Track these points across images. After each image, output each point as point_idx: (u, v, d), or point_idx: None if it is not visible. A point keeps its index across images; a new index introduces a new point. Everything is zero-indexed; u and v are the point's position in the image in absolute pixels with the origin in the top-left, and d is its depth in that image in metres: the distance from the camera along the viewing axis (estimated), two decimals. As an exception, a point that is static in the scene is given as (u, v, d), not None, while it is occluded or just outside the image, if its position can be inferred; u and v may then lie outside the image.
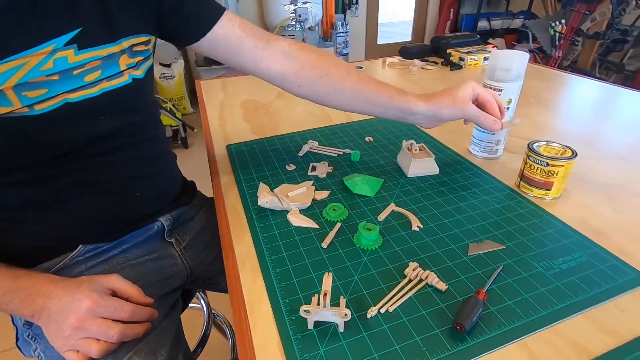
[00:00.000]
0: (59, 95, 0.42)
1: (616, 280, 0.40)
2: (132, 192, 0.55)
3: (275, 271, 0.43)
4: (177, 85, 2.65)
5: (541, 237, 0.46)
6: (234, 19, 0.56)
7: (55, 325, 0.41)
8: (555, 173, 0.51)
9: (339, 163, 0.65)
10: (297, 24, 2.68)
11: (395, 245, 0.46)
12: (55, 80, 0.41)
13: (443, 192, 0.55)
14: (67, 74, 0.42)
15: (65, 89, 0.42)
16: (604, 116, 0.81)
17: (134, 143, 0.53)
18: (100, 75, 0.45)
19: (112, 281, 0.45)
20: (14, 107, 0.39)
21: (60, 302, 0.41)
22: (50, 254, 0.52)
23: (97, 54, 0.44)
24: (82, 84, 0.44)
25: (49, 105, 0.42)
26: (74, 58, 0.42)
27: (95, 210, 0.51)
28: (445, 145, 0.69)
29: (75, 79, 0.43)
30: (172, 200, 0.64)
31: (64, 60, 0.42)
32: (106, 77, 0.46)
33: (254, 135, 0.76)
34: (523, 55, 0.56)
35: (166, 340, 0.52)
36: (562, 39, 2.90)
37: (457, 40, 1.26)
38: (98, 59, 0.45)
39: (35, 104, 0.41)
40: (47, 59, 0.40)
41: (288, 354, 0.34)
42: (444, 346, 0.34)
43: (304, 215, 0.52)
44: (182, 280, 0.63)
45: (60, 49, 0.41)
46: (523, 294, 0.38)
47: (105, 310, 0.42)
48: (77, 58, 0.43)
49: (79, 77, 0.43)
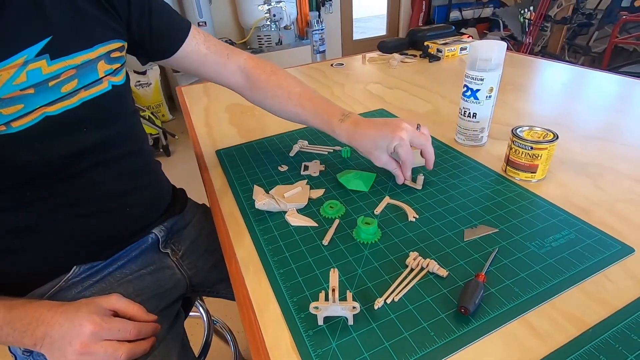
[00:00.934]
0: (37, 109, 0.40)
1: (604, 253, 0.42)
2: (121, 208, 0.54)
3: (279, 272, 0.43)
4: (154, 92, 2.60)
5: (531, 218, 0.48)
6: (198, 35, 0.59)
7: (59, 352, 0.41)
8: (539, 156, 0.53)
9: (331, 160, 0.66)
10: (272, 24, 2.66)
11: (394, 237, 0.47)
12: (30, 94, 0.40)
13: (435, 182, 0.57)
14: (43, 87, 0.41)
15: (42, 102, 0.41)
16: (576, 98, 0.85)
17: (118, 157, 0.52)
18: (78, 85, 0.44)
19: (112, 302, 0.44)
20: None
21: (62, 329, 0.41)
22: (44, 278, 0.50)
23: (71, 62, 0.43)
24: (60, 95, 0.42)
25: (28, 121, 0.40)
26: (47, 69, 0.41)
27: (86, 230, 0.50)
28: (432, 137, 0.71)
29: (52, 91, 0.41)
30: (164, 210, 0.63)
31: (38, 72, 0.40)
32: (84, 85, 0.45)
33: (243, 139, 0.76)
34: (501, 45, 0.58)
35: (172, 352, 0.52)
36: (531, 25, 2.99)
37: (433, 32, 1.28)
38: (73, 68, 0.43)
39: (12, 121, 0.39)
40: (20, 72, 0.39)
41: (301, 351, 0.34)
42: (451, 329, 0.35)
43: (302, 215, 0.52)
44: (182, 290, 0.63)
45: (32, 60, 0.39)
46: (519, 273, 0.40)
47: (109, 333, 0.42)
48: (51, 68, 0.41)
49: (56, 89, 0.42)
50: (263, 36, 2.72)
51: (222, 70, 0.62)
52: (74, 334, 0.40)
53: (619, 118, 0.74)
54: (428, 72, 1.09)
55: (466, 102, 0.63)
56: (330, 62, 1.23)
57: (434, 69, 1.12)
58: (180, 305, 0.63)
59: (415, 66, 1.15)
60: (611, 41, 2.62)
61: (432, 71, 1.10)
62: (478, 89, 0.60)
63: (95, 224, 0.51)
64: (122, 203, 0.54)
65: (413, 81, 1.02)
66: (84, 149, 0.47)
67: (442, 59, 1.19)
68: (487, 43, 0.58)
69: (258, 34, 2.72)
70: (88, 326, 0.40)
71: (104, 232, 0.53)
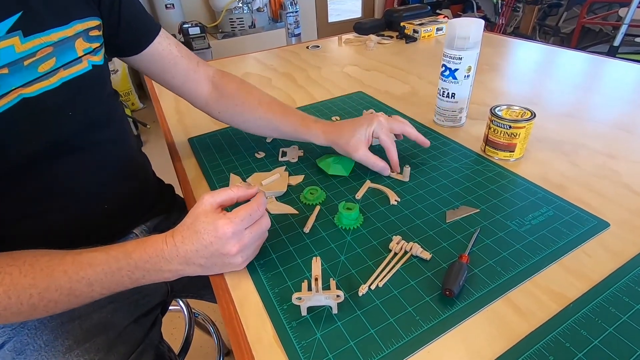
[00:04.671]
0: (13, 91, 0.37)
1: (581, 229, 0.43)
2: (100, 204, 0.50)
3: (259, 262, 0.42)
4: (122, 79, 2.47)
5: (510, 197, 0.49)
6: (170, 38, 0.57)
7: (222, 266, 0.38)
8: (518, 135, 0.53)
9: (310, 145, 0.63)
10: (244, 6, 2.56)
11: (377, 222, 0.46)
12: (4, 74, 0.37)
13: (415, 164, 0.56)
14: (17, 66, 0.37)
15: (18, 83, 0.38)
16: (549, 77, 0.86)
17: (99, 145, 0.48)
18: (56, 64, 0.41)
19: (210, 202, 0.38)
20: None
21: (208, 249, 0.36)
22: None
23: (46, 39, 0.40)
24: (37, 75, 0.39)
25: (4, 104, 0.37)
26: (20, 47, 0.38)
27: (57, 227, 0.47)
28: (410, 118, 0.70)
29: (27, 71, 0.38)
30: (147, 208, 0.60)
31: (10, 50, 0.37)
32: (62, 64, 0.42)
33: (216, 126, 0.72)
34: (478, 23, 0.57)
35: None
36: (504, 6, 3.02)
37: (409, 13, 1.26)
38: (49, 45, 0.40)
39: None
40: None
41: (285, 343, 0.33)
42: (436, 312, 0.35)
43: (281, 202, 0.50)
44: (162, 296, 0.60)
45: (3, 37, 0.36)
46: (501, 252, 0.40)
47: (243, 222, 0.37)
48: (25, 46, 0.38)
49: (32, 68, 0.39)
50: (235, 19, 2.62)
51: (191, 75, 0.58)
52: (219, 247, 0.36)
53: (589, 96, 0.76)
54: (405, 54, 1.07)
55: (445, 82, 0.62)
56: (306, 44, 1.20)
57: (411, 50, 1.11)
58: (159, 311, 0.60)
59: (392, 47, 1.14)
60: (579, 21, 2.68)
61: (409, 52, 1.09)
62: (457, 68, 0.60)
63: (69, 219, 0.48)
64: (101, 198, 0.50)
65: (390, 63, 1.00)
66: (63, 136, 0.43)
67: (418, 40, 1.18)
68: (464, 21, 0.57)
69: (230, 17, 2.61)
70: (225, 229, 0.36)
71: (76, 230, 0.49)
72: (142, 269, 0.37)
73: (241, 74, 0.99)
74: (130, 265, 0.37)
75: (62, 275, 0.36)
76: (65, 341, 0.46)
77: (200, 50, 2.28)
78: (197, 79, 0.59)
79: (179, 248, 0.37)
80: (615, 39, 2.37)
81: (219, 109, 0.61)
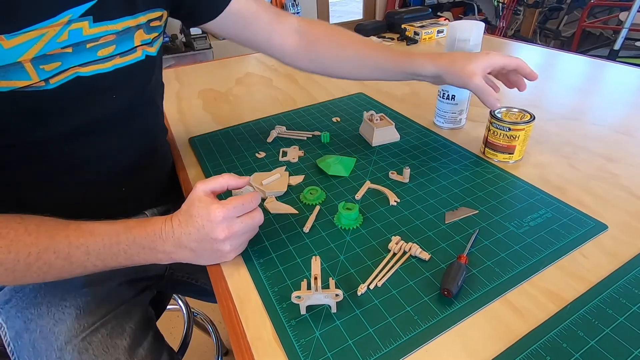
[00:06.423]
0: (71, 68, 0.39)
1: (579, 231, 0.43)
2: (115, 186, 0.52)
3: (259, 261, 0.42)
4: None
5: (509, 198, 0.49)
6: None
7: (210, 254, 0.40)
8: (517, 137, 0.53)
9: (310, 146, 0.64)
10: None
11: (376, 222, 0.46)
12: (68, 52, 0.39)
13: (415, 166, 0.57)
14: (81, 47, 0.39)
15: (77, 62, 0.40)
16: (549, 80, 0.86)
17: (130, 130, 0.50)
18: (114, 51, 0.43)
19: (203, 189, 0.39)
20: (31, 81, 0.37)
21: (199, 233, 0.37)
22: None
23: (112, 27, 0.42)
24: (95, 58, 0.41)
25: (60, 79, 0.39)
26: (88, 30, 0.39)
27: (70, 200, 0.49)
28: (412, 120, 0.70)
29: (87, 53, 0.40)
30: (162, 194, 0.61)
31: (79, 32, 0.39)
32: (120, 52, 0.43)
33: (218, 125, 0.73)
34: (479, 25, 0.57)
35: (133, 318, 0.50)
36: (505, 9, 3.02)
37: (410, 15, 1.27)
38: (113, 33, 0.42)
39: (50, 78, 0.38)
40: (63, 30, 0.37)
41: (284, 341, 0.33)
42: (435, 312, 0.35)
43: (282, 202, 0.51)
44: (160, 270, 0.60)
45: (75, 20, 0.38)
46: (500, 253, 0.41)
47: (236, 210, 0.38)
48: (92, 31, 0.40)
49: (92, 51, 0.41)
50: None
51: (275, 29, 0.56)
52: (209, 230, 0.37)
53: (589, 99, 0.76)
54: (406, 55, 1.08)
55: (445, 84, 0.62)
56: (306, 46, 1.20)
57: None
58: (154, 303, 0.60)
59: (393, 49, 1.14)
60: (580, 25, 2.69)
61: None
62: (457, 70, 0.60)
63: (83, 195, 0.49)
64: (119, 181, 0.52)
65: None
66: (103, 115, 0.45)
67: (419, 42, 1.18)
68: (465, 23, 0.58)
69: (231, 17, 2.62)
70: (217, 213, 0.37)
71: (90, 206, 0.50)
72: (139, 245, 0.38)
73: (242, 74, 0.99)
74: (129, 239, 0.38)
75: (64, 239, 0.37)
76: (65, 285, 0.48)
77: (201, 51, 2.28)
78: (282, 31, 0.57)
79: (175, 230, 0.38)
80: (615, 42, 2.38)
81: (310, 57, 0.59)
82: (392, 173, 0.54)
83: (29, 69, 0.36)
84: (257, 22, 0.55)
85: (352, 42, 0.57)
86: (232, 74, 0.99)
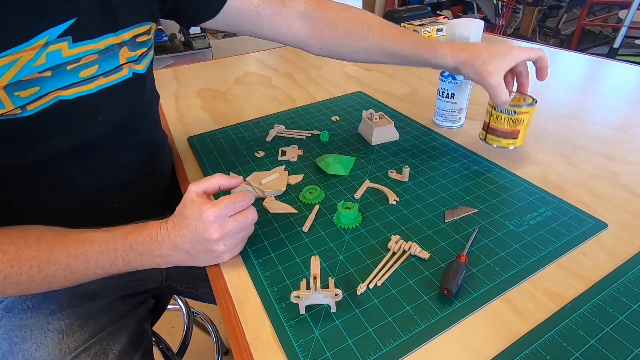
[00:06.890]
0: (51, 92, 0.38)
1: (579, 229, 0.43)
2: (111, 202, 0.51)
3: (258, 261, 0.42)
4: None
5: (509, 197, 0.49)
6: None
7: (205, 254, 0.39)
8: (522, 120, 0.53)
9: (309, 145, 0.64)
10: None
11: (375, 221, 0.46)
12: (47, 76, 0.37)
13: (414, 164, 0.56)
14: (61, 70, 0.38)
15: (57, 85, 0.38)
16: (549, 78, 0.86)
17: (124, 149, 0.49)
18: (97, 71, 0.41)
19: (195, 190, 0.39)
20: (5, 109, 0.35)
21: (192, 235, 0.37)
22: None
23: (93, 47, 0.40)
24: (77, 80, 0.40)
25: (40, 104, 0.37)
26: (68, 52, 0.38)
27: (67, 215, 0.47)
28: (411, 119, 0.70)
29: (68, 75, 0.39)
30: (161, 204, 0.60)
31: (57, 54, 0.37)
32: (103, 72, 0.42)
33: (216, 125, 0.72)
34: (478, 23, 0.57)
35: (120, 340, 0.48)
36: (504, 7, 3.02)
37: (409, 14, 1.27)
38: (94, 53, 0.40)
39: (27, 104, 0.37)
40: (40, 53, 0.36)
41: (283, 341, 0.33)
42: (434, 311, 0.35)
43: (281, 201, 0.50)
44: (155, 283, 0.60)
45: (53, 41, 0.36)
46: (499, 252, 0.41)
47: (227, 209, 0.38)
48: (72, 52, 0.38)
49: (73, 73, 0.39)
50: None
51: (279, 20, 0.54)
52: (202, 231, 0.37)
53: (589, 97, 0.76)
54: (405, 54, 1.07)
55: (444, 82, 0.62)
56: (305, 45, 1.20)
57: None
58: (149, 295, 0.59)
59: (392, 48, 1.14)
60: (579, 23, 2.69)
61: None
62: (456, 68, 0.60)
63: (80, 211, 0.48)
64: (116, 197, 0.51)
65: (390, 63, 1.01)
66: (93, 138, 0.44)
67: (418, 41, 1.18)
68: (464, 21, 0.57)
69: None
70: (208, 213, 0.37)
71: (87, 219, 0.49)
72: (136, 251, 0.38)
73: (241, 73, 0.99)
74: (126, 245, 0.38)
75: (62, 250, 0.37)
76: (50, 305, 0.47)
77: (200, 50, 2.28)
78: (287, 21, 0.54)
79: (170, 233, 0.38)
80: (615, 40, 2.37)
81: (320, 45, 0.56)
82: (392, 172, 0.54)
83: (1, 96, 0.35)
84: (259, 17, 0.53)
85: (368, 29, 0.53)
86: (231, 73, 0.99)
